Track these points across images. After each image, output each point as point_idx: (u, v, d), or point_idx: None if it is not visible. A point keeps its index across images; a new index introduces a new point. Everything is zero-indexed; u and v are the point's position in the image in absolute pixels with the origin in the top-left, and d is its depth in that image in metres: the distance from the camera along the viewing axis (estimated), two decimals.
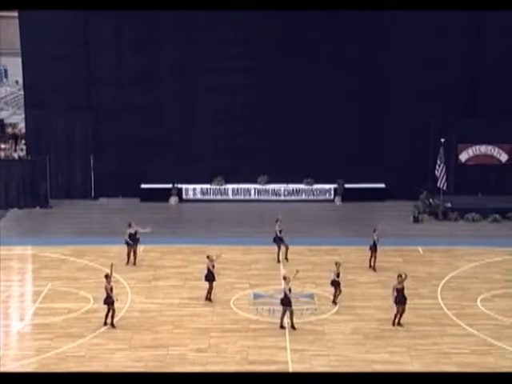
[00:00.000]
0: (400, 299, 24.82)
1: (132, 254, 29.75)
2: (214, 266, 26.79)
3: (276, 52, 37.06)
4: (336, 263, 26.70)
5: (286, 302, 24.69)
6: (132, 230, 29.75)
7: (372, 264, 29.58)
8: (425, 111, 36.90)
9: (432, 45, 36.59)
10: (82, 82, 37.17)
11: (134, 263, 29.72)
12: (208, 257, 26.88)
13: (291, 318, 24.75)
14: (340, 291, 26.53)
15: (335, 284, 26.53)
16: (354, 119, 37.47)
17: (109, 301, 24.77)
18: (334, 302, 26.57)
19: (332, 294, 26.75)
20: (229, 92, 37.21)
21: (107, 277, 25.03)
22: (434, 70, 36.86)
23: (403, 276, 24.88)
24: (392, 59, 37.01)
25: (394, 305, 24.96)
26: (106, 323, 24.97)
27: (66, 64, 36.90)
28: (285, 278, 24.96)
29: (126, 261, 29.71)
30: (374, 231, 29.59)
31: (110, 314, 24.88)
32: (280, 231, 30.04)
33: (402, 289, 24.80)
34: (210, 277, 26.71)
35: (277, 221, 30.27)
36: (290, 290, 24.68)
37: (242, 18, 35.94)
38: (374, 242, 29.41)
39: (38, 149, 37.60)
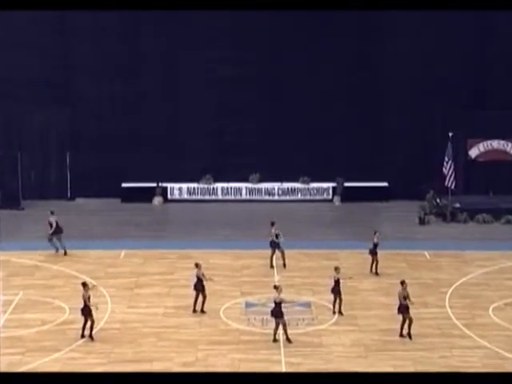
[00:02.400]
0: (403, 309, 24.73)
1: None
2: (204, 275, 26.65)
3: (270, 44, 37.00)
4: (336, 268, 26.59)
5: (276, 313, 24.56)
6: (52, 219, 31.14)
7: (374, 269, 29.53)
8: (431, 103, 36.93)
9: (438, 33, 36.57)
10: (58, 73, 37.08)
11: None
12: (197, 265, 26.75)
13: (285, 330, 24.65)
14: (341, 299, 26.44)
15: (335, 292, 26.41)
16: (354, 112, 37.44)
17: (86, 311, 24.61)
18: (334, 312, 26.45)
19: (331, 302, 26.68)
20: (218, 84, 37.13)
21: (85, 285, 24.90)
22: (439, 59, 36.87)
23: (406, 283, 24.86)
24: (395, 50, 37.05)
25: (398, 314, 24.89)
26: (83, 335, 24.81)
27: (41, 54, 36.77)
28: (276, 288, 24.82)
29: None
30: (375, 233, 29.55)
31: (89, 325, 24.75)
32: (276, 235, 29.92)
33: (406, 297, 24.72)
34: (198, 286, 26.58)
35: (273, 224, 30.15)
36: (282, 301, 24.51)
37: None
38: (375, 245, 29.37)
39: (9, 144, 37.40)
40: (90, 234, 33.72)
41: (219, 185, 38.02)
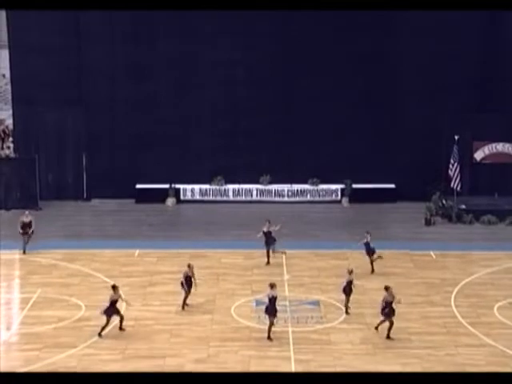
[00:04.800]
0: (388, 312, 24.65)
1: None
2: (193, 275, 26.77)
3: (279, 44, 36.95)
4: (350, 272, 26.54)
5: (269, 310, 24.56)
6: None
7: (371, 268, 29.52)
8: (437, 107, 36.85)
9: (444, 38, 36.48)
10: (73, 76, 37.10)
11: None
12: (189, 265, 26.87)
13: (269, 328, 24.61)
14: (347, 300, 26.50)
15: (347, 292, 26.40)
16: (362, 115, 37.40)
17: (110, 312, 24.68)
18: (347, 312, 26.36)
19: (339, 301, 26.67)
20: (229, 86, 37.14)
21: (114, 287, 25.01)
22: (446, 63, 36.78)
23: (392, 290, 24.75)
24: (403, 53, 36.94)
25: (381, 316, 24.84)
26: (100, 334, 24.91)
27: (57, 56, 36.81)
28: (271, 285, 24.75)
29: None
30: (367, 233, 29.51)
31: (104, 324, 24.80)
32: (264, 233, 29.97)
33: (391, 302, 24.69)
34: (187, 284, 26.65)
35: (267, 222, 30.21)
36: (275, 298, 24.50)
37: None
38: (367, 244, 29.32)
39: (27, 146, 37.59)
40: (105, 233, 33.80)
41: (230, 186, 38.05)
